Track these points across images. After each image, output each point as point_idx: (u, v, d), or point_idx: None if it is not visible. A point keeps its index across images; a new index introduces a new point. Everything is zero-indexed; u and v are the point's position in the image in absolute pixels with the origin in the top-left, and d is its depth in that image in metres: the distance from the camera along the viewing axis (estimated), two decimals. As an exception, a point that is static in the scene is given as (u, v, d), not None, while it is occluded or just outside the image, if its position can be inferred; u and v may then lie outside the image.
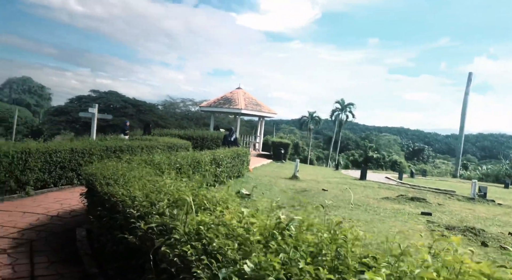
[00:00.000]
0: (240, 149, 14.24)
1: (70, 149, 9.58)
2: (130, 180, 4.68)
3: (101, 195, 4.37)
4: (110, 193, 4.10)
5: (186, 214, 2.56)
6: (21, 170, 8.25)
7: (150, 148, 13.19)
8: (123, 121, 20.71)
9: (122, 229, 3.52)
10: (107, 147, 11.03)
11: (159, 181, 4.36)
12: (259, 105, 24.57)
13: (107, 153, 10.99)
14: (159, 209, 3.18)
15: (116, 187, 4.14)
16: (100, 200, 4.44)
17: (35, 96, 79.54)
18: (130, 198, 3.67)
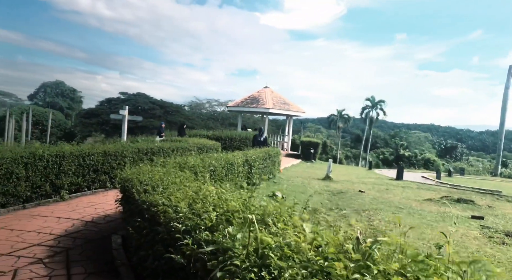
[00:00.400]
0: (271, 149, 13.81)
1: (102, 152, 9.46)
2: (169, 186, 4.34)
3: (139, 204, 4.05)
4: (149, 202, 3.76)
5: (249, 234, 2.14)
6: (56, 174, 8.15)
7: (181, 150, 12.99)
8: (158, 123, 20.43)
9: (165, 244, 3.17)
10: (139, 149, 10.88)
11: (202, 188, 3.99)
12: (287, 104, 24.04)
13: (139, 155, 10.84)
14: (207, 223, 2.79)
15: (155, 196, 3.80)
16: (138, 209, 4.12)
17: (67, 99, 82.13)
18: (172, 208, 3.32)
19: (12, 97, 78.38)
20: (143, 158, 10.99)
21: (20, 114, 46.54)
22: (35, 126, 54.94)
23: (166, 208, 3.33)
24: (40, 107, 64.17)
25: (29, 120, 52.89)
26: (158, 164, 6.69)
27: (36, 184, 7.71)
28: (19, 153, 7.36)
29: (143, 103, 55.45)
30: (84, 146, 9.22)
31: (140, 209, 4.03)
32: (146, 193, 4.16)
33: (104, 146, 9.94)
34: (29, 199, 7.63)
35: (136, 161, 10.73)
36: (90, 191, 9.20)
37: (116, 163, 9.91)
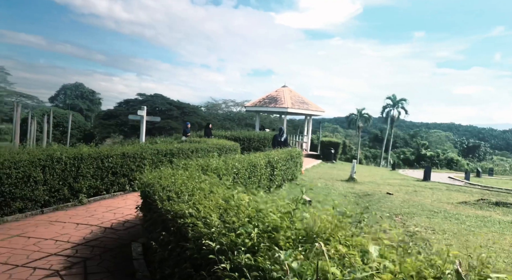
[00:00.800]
0: (293, 150, 13.30)
1: (121, 154, 9.14)
2: (195, 193, 3.91)
3: (162, 213, 3.62)
4: (174, 211, 3.32)
5: (317, 267, 1.65)
6: (74, 177, 7.86)
7: (201, 151, 12.62)
8: (184, 123, 19.84)
9: (194, 264, 2.72)
10: (158, 151, 10.54)
11: (233, 196, 3.52)
12: (306, 103, 23.44)
13: (158, 157, 10.50)
14: (246, 242, 2.32)
15: (181, 205, 3.36)
16: (161, 219, 3.70)
17: (86, 101, 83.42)
18: (202, 220, 2.87)
19: (34, 99, 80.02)
20: (162, 160, 10.66)
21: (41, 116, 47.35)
22: (56, 127, 55.87)
23: (194, 220, 2.88)
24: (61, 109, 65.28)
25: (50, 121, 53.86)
26: (179, 167, 6.27)
27: (54, 187, 7.42)
28: (37, 155, 7.09)
29: (160, 104, 55.70)
30: (102, 148, 8.92)
31: (163, 218, 3.60)
32: (170, 201, 3.73)
33: (123, 147, 9.64)
34: (47, 204, 7.35)
35: (156, 163, 10.40)
36: (109, 195, 8.89)
37: (135, 165, 9.59)
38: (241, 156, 9.66)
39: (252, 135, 20.04)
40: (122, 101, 59.35)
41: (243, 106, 70.30)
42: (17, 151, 7.20)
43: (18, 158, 6.71)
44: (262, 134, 20.20)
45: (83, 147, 8.58)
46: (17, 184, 6.64)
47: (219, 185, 4.71)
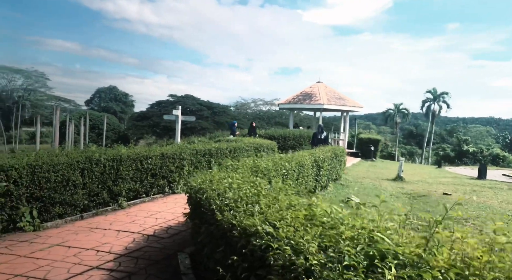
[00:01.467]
0: (337, 148, 12.42)
1: (160, 155, 8.64)
2: (260, 200, 3.22)
3: (224, 227, 2.94)
4: (243, 228, 2.63)
5: None
6: (113, 180, 7.42)
7: (238, 151, 12.01)
8: (230, 121, 18.92)
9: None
10: (196, 151, 10.00)
11: (313, 208, 2.79)
12: (343, 99, 22.35)
13: (197, 157, 9.96)
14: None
15: (252, 219, 2.66)
16: (222, 234, 3.01)
17: (120, 103, 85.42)
18: (287, 243, 2.15)
19: (71, 103, 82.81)
20: (201, 160, 10.12)
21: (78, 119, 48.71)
22: (92, 130, 57.40)
23: (277, 244, 2.17)
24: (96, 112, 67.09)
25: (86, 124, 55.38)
26: (228, 169, 5.63)
27: (93, 191, 6.99)
28: (75, 158, 6.67)
29: (191, 104, 55.95)
30: (141, 148, 8.45)
31: (226, 234, 2.92)
32: (231, 211, 3.05)
33: (162, 148, 9.15)
34: (87, 208, 6.93)
35: (194, 163, 9.87)
36: (148, 198, 8.41)
37: (174, 166, 9.08)
38: (286, 155, 8.93)
39: (288, 133, 19.27)
40: (154, 103, 60.11)
41: (272, 105, 69.66)
42: (55, 153, 6.83)
43: (57, 161, 6.30)
44: (298, 132, 19.37)
45: (121, 148, 8.14)
46: (56, 188, 6.24)
47: (282, 190, 4.01)
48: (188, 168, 9.57)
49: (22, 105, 70.87)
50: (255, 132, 17.40)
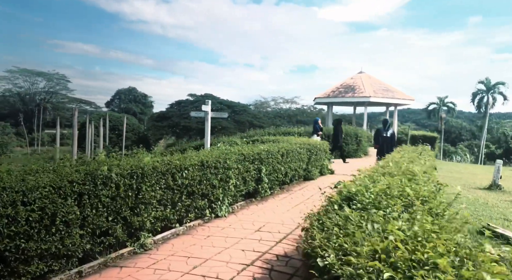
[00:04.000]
0: (425, 149, 9.40)
1: (199, 164, 5.80)
2: None
3: None
4: None
5: None
6: (132, 207, 4.62)
7: (291, 154, 9.12)
8: (313, 119, 15.31)
9: None
10: (244, 156, 7.14)
11: None
12: (391, 91, 19.18)
13: (245, 164, 7.10)
14: None
15: None
16: None
17: (139, 104, 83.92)
18: None
19: (91, 105, 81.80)
20: (249, 169, 7.25)
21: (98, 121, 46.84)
22: (111, 131, 55.58)
23: None
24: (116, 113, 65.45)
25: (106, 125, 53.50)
26: (369, 175, 2.74)
27: (100, 228, 4.18)
28: (68, 176, 3.87)
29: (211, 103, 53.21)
30: (172, 158, 5.58)
31: None
32: None
33: (201, 154, 6.30)
34: (89, 256, 4.14)
35: (242, 173, 7.01)
36: (182, 227, 5.58)
37: (218, 178, 6.23)
38: (408, 154, 5.99)
39: (331, 130, 16.24)
40: (173, 103, 57.96)
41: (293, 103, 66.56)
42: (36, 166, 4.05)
43: (34, 183, 3.51)
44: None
45: (144, 156, 5.35)
46: (30, 232, 3.45)
47: None
48: (235, 181, 6.72)
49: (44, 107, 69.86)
50: (342, 132, 14.49)
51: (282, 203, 7.41)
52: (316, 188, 9.11)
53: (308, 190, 8.79)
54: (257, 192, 7.72)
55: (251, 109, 62.30)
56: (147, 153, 5.59)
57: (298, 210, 6.74)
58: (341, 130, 14.44)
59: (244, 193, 7.30)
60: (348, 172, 12.61)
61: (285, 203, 7.46)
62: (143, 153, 5.50)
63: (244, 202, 7.33)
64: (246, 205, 7.29)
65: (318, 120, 14.76)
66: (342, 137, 14.44)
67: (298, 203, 7.38)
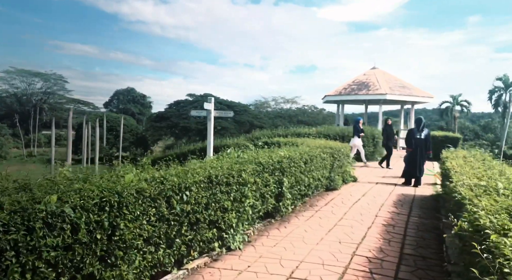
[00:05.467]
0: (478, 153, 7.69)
1: (206, 180, 4.05)
2: None
3: None
4: None
5: None
6: (102, 256, 2.88)
7: (315, 161, 7.40)
8: (354, 119, 13.66)
9: None
10: (263, 166, 5.41)
11: None
12: (408, 88, 17.49)
13: (263, 176, 5.37)
14: None
15: None
16: None
17: (138, 105, 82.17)
18: None
19: (90, 105, 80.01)
20: (268, 182, 5.52)
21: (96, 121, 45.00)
22: (109, 131, 53.72)
23: None
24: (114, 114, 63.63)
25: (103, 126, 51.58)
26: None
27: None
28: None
29: (211, 103, 51.50)
30: (167, 172, 3.82)
31: None
32: None
33: (205, 165, 4.54)
34: None
35: (260, 189, 5.29)
36: (182, 272, 3.84)
37: (230, 198, 4.50)
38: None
39: (345, 131, 14.55)
40: (172, 103, 56.24)
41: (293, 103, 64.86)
42: None
43: None
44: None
45: (126, 171, 3.60)
46: None
47: None
48: (252, 200, 4.98)
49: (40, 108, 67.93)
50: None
51: (310, 226, 5.68)
52: (345, 201, 7.40)
53: (336, 206, 7.06)
54: (277, 211, 6.00)
55: (251, 109, 60.67)
56: (131, 165, 3.84)
57: (336, 239, 5.02)
58: (360, 129, 12.76)
59: (262, 214, 5.58)
60: (373, 178, 10.92)
61: (314, 225, 5.73)
62: (127, 167, 3.76)
63: (261, 225, 5.60)
64: (265, 229, 5.56)
65: (360, 120, 12.96)
66: (394, 139, 12.76)
67: (331, 227, 5.66)
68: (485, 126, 58.81)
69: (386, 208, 6.91)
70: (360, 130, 12.74)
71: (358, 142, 12.89)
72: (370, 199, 7.65)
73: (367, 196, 7.98)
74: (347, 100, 18.47)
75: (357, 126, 12.77)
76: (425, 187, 9.61)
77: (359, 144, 13.01)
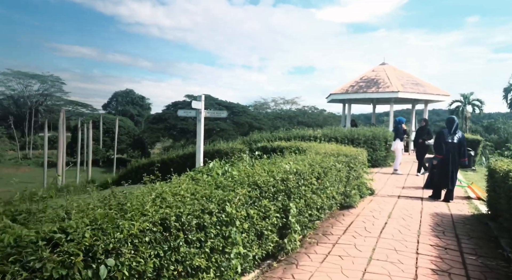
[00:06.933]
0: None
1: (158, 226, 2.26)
2: None
3: None
4: None
5: None
6: None
7: (329, 173, 5.59)
8: (396, 119, 11.51)
9: None
10: (259, 188, 3.60)
11: None
12: (421, 85, 15.67)
13: (261, 203, 3.56)
14: None
15: None
16: None
17: (137, 106, 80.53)
18: None
19: (88, 107, 78.33)
20: (268, 211, 3.70)
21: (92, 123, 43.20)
22: (105, 133, 51.91)
23: None
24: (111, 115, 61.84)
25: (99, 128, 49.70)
26: None
27: None
28: None
29: (209, 104, 49.87)
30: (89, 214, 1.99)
31: None
32: None
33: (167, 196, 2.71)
34: None
35: (256, 224, 3.45)
36: None
37: (205, 250, 2.68)
38: None
39: (355, 134, 12.74)
40: (170, 104, 54.56)
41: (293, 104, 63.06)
42: None
43: None
44: (369, 133, 12.82)
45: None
46: None
47: None
48: (241, 245, 3.16)
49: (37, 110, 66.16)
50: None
51: (329, 275, 3.85)
52: (368, 227, 5.56)
53: (359, 235, 5.22)
54: (280, 248, 4.17)
55: (250, 110, 58.96)
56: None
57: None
58: (403, 131, 10.97)
59: (258, 258, 3.76)
60: (391, 189, 9.10)
61: (334, 273, 3.90)
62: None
63: (259, 271, 3.78)
64: (263, 278, 3.74)
65: (403, 121, 11.09)
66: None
67: (359, 276, 3.83)
68: (488, 127, 57.02)
69: (426, 239, 5.09)
70: (402, 132, 10.92)
71: (400, 146, 11.09)
72: (400, 223, 5.83)
73: (395, 218, 6.16)
74: (354, 99, 16.63)
75: (400, 127, 10.93)
76: (458, 202, 7.80)
77: (400, 149, 11.20)
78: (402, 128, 11.04)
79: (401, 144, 11.23)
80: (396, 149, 11.19)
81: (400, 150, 11.37)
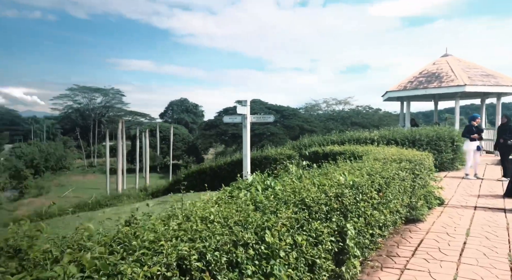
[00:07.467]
0: None
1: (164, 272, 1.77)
2: None
3: None
4: None
5: None
6: None
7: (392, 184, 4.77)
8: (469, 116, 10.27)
9: None
10: (308, 208, 2.98)
11: None
12: (493, 76, 13.78)
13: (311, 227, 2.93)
14: None
15: None
16: None
17: (191, 114, 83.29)
18: None
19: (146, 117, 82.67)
20: (320, 236, 3.04)
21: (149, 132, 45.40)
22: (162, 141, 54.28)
23: None
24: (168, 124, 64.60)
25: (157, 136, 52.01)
26: None
27: None
28: None
29: (259, 109, 49.97)
30: None
31: None
32: None
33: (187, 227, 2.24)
34: None
35: (306, 252, 2.83)
36: None
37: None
38: None
39: (417, 134, 11.48)
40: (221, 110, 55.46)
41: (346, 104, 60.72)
42: None
43: None
44: (433, 134, 11.48)
45: None
46: None
47: None
48: None
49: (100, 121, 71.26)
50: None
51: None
52: (443, 247, 4.63)
53: (432, 258, 4.34)
54: (337, 278, 3.49)
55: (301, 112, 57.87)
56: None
57: None
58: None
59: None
60: (464, 198, 7.81)
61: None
62: None
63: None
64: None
65: (477, 118, 9.85)
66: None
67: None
68: None
69: (522, 265, 4.06)
70: (472, 131, 9.53)
71: (472, 147, 9.74)
72: (483, 244, 4.81)
73: (475, 237, 5.13)
74: (413, 96, 15.13)
75: (470, 125, 9.59)
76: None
77: (471, 149, 9.82)
78: (474, 125, 9.62)
79: (472, 144, 9.82)
80: (469, 150, 9.82)
81: (471, 151, 9.96)
